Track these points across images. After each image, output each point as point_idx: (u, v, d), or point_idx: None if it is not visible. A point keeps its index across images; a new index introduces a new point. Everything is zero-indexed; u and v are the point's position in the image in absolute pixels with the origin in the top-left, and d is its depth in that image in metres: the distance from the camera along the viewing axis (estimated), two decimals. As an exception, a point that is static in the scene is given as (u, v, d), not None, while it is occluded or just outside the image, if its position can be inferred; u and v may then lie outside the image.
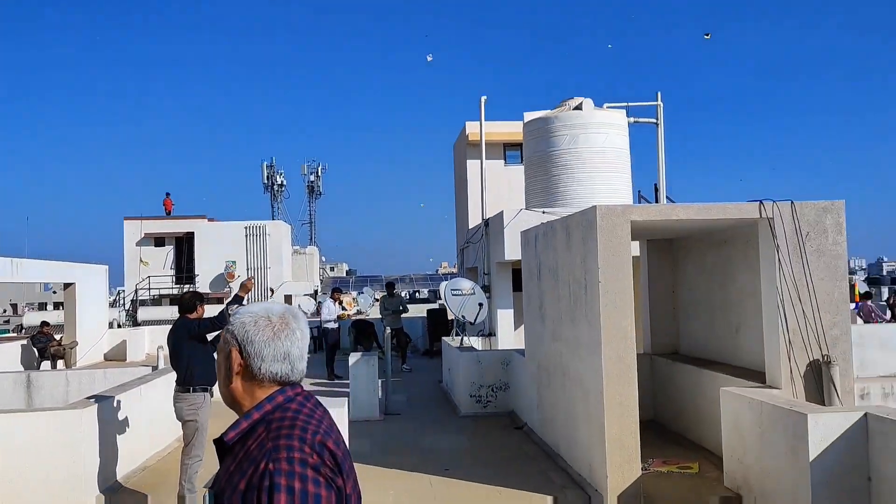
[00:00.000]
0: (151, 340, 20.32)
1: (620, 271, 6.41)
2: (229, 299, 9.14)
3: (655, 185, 14.96)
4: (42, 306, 63.01)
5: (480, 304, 11.69)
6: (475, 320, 11.72)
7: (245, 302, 8.51)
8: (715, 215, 6.58)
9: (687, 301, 9.37)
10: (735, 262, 8.03)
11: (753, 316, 7.51)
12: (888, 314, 19.66)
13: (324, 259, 54.99)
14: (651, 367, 9.52)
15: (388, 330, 11.43)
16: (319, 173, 59.04)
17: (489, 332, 13.72)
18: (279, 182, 54.12)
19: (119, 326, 26.08)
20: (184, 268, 33.56)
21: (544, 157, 13.35)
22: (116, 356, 20.03)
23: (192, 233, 33.20)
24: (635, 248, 10.22)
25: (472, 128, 17.40)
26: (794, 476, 5.45)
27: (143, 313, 28.85)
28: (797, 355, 6.52)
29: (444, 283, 13.00)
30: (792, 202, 6.57)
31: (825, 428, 5.30)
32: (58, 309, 37.52)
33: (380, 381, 10.85)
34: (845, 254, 6.62)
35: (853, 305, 19.28)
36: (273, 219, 46.31)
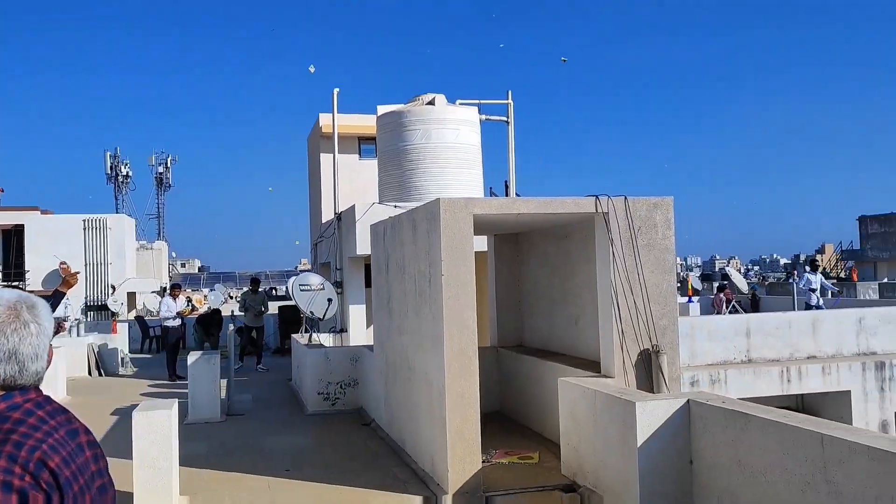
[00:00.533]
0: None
1: (463, 264, 6.40)
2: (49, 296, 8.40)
3: (506, 182, 15.28)
4: None
5: (329, 300, 11.41)
6: (324, 316, 11.43)
7: (66, 299, 7.82)
8: (554, 210, 6.72)
9: (531, 294, 9.58)
10: (575, 256, 8.27)
11: (591, 308, 7.75)
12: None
13: (174, 255, 52.35)
14: (497, 360, 9.66)
15: (233, 326, 10.93)
16: (169, 165, 56.01)
17: (341, 329, 13.47)
18: (124, 173, 50.91)
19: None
20: (12, 264, 30.79)
21: (397, 152, 13.26)
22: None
23: (22, 225, 30.53)
24: (484, 242, 10.35)
25: (325, 120, 17.02)
26: (624, 462, 5.64)
27: (-38, 313, 26.16)
28: (629, 345, 6.77)
29: (292, 279, 12.58)
30: (625, 198, 6.82)
31: (651, 415, 5.51)
32: None
33: (222, 380, 10.34)
34: (673, 248, 6.96)
35: (686, 299, 20.65)
36: (117, 212, 43.51)
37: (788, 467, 4.55)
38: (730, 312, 17.72)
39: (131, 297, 31.60)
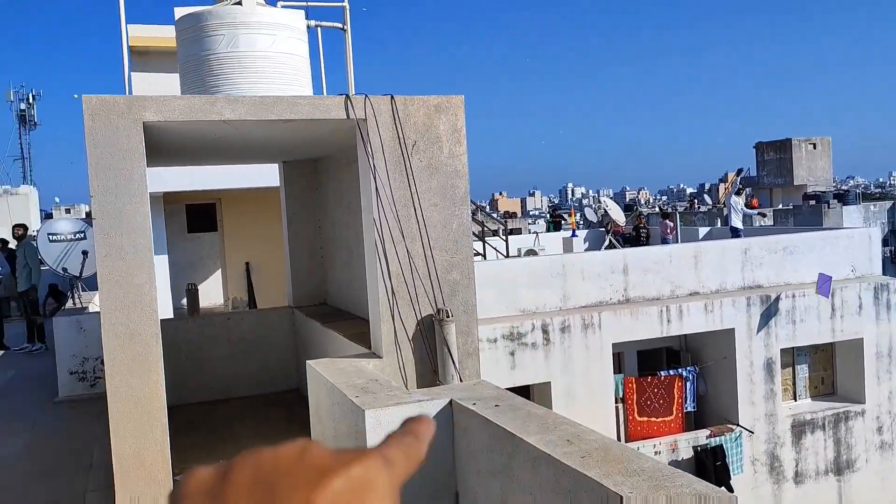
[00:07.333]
0: None
1: (130, 199, 4.16)
2: None
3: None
4: None
5: (85, 253, 8.99)
6: (81, 273, 9.05)
7: None
8: (280, 114, 4.52)
9: (331, 239, 7.45)
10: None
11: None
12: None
13: (57, 200, 47.75)
14: (293, 325, 7.56)
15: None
16: (32, 101, 50.76)
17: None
18: (-24, 110, 45.64)
19: None
20: None
21: (198, 62, 10.71)
22: None
23: None
24: (275, 174, 8.13)
25: (133, 31, 14.18)
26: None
27: None
28: (403, 310, 4.75)
29: (42, 226, 10.05)
30: (392, 97, 4.68)
31: (391, 427, 3.52)
32: None
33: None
34: (466, 170, 4.91)
35: (570, 233, 18.95)
36: (-34, 154, 38.79)
37: (565, 536, 2.64)
38: (606, 247, 16.14)
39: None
